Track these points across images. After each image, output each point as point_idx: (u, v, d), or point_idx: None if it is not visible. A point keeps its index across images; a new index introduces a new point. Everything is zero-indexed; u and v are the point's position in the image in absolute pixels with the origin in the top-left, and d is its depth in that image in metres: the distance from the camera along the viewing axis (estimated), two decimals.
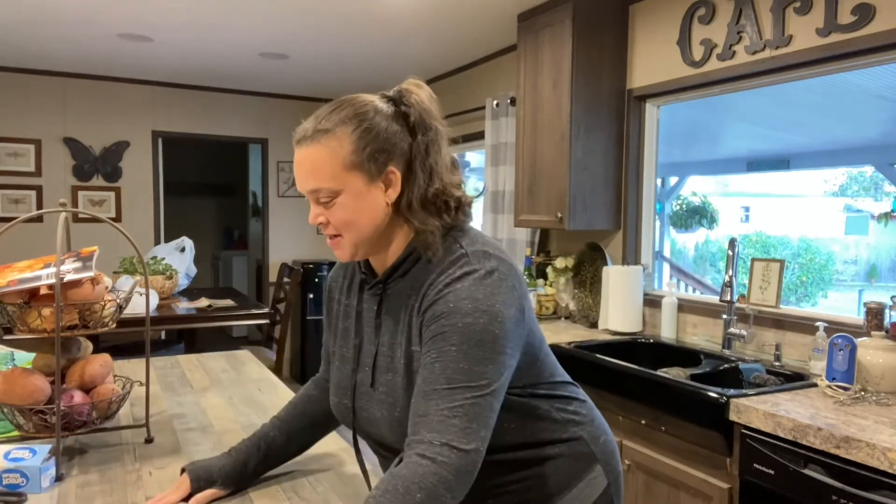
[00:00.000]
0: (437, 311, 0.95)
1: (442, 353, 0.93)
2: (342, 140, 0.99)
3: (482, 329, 0.93)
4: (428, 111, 1.04)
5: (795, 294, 6.25)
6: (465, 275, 0.97)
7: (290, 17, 3.34)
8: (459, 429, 0.89)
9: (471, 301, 0.94)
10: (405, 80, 1.08)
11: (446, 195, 1.04)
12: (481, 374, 0.93)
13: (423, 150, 1.02)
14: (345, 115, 1.01)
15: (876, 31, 2.02)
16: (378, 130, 1.00)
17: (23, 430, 1.32)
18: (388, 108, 1.03)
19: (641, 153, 2.99)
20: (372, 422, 1.08)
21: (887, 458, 1.42)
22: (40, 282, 1.29)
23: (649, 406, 2.09)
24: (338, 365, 1.17)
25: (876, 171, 5.04)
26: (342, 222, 1.02)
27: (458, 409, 0.90)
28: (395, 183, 1.02)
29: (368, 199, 1.01)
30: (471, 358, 0.92)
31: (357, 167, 0.99)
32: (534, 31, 3.08)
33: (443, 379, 0.92)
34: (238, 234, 7.87)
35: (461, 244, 1.03)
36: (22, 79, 4.59)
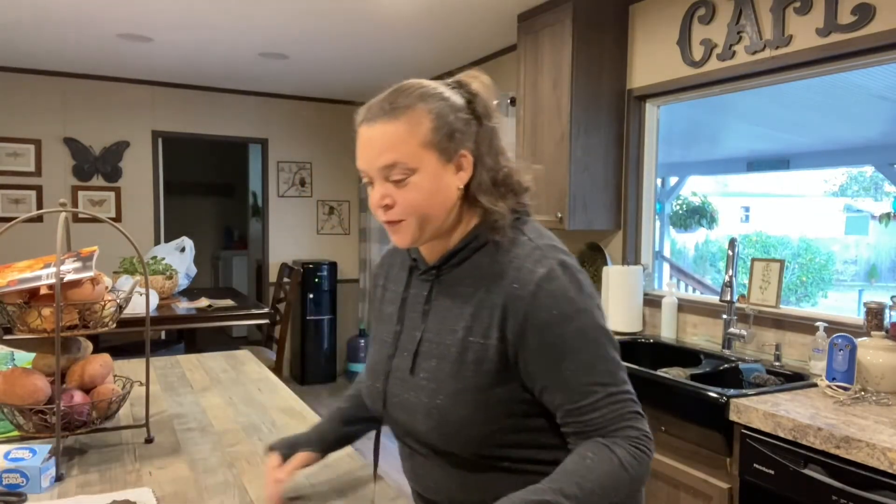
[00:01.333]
0: (545, 320, 0.95)
1: (578, 363, 0.95)
2: (422, 117, 0.98)
3: (592, 325, 0.96)
4: (488, 100, 1.05)
5: (795, 294, 6.25)
6: (551, 273, 0.97)
7: (290, 17, 3.34)
8: (637, 418, 0.96)
9: (568, 302, 0.96)
10: (463, 73, 1.09)
11: (512, 179, 1.05)
12: (618, 364, 0.98)
13: (489, 135, 1.03)
14: (421, 93, 1.00)
15: (876, 31, 2.02)
16: (452, 111, 1.00)
17: (23, 430, 1.32)
18: (457, 94, 1.03)
19: (641, 153, 2.99)
20: (405, 408, 1.05)
21: (887, 458, 1.42)
22: (40, 282, 1.29)
23: (649, 406, 2.08)
24: (376, 348, 1.15)
25: (876, 171, 5.04)
26: (411, 204, 0.99)
27: (627, 403, 0.96)
28: (466, 166, 1.01)
29: (442, 181, 0.99)
30: (603, 357, 0.96)
31: (434, 146, 0.98)
32: (534, 31, 3.08)
33: (597, 387, 0.95)
34: (238, 234, 7.87)
35: (528, 236, 1.02)
36: (22, 79, 4.59)
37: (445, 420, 0.99)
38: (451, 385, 0.99)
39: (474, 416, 0.98)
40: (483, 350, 0.98)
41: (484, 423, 0.98)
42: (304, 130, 5.57)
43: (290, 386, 2.05)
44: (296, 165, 5.56)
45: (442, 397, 0.99)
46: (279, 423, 1.62)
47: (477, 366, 0.98)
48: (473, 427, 0.98)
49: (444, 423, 0.99)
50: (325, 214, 5.73)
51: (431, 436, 1.01)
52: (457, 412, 0.98)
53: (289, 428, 1.58)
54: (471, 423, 0.98)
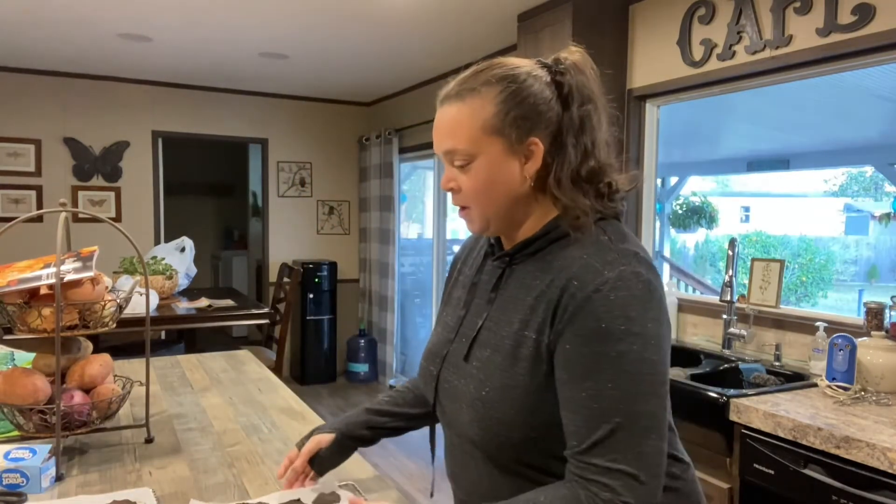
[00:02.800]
0: (588, 328, 0.85)
1: (598, 390, 0.84)
2: (486, 101, 0.93)
3: (638, 358, 0.84)
4: (586, 80, 0.96)
5: (795, 294, 6.25)
6: (619, 281, 0.86)
7: (290, 17, 3.34)
8: (627, 486, 0.81)
9: (624, 320, 0.84)
10: (566, 49, 0.99)
11: (602, 176, 0.96)
12: (643, 413, 0.83)
13: (576, 123, 0.94)
14: (493, 75, 0.94)
15: (876, 31, 2.02)
16: (526, 96, 0.93)
17: (23, 430, 1.32)
18: (543, 73, 0.96)
19: (641, 153, 2.99)
20: (453, 396, 1.00)
21: (887, 458, 1.42)
22: (40, 282, 1.29)
23: None
24: (438, 331, 1.11)
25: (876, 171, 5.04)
26: (473, 191, 0.95)
27: (622, 459, 0.82)
28: (535, 155, 0.93)
29: (505, 169, 0.93)
30: (630, 396, 0.83)
31: (497, 132, 0.92)
32: (534, 31, 3.07)
33: (603, 423, 0.83)
34: (238, 234, 7.87)
35: (609, 237, 0.92)
36: (22, 79, 4.59)
37: (488, 415, 0.93)
38: (499, 379, 0.93)
39: (517, 417, 0.91)
40: (536, 347, 0.91)
41: (527, 427, 0.91)
42: (304, 130, 5.57)
43: (290, 386, 2.05)
44: (296, 165, 5.56)
45: (488, 389, 0.93)
46: (279, 423, 1.62)
47: (528, 363, 0.91)
48: (515, 430, 0.91)
49: (485, 417, 0.93)
50: (325, 214, 5.73)
51: (472, 428, 0.96)
52: (501, 409, 0.92)
53: (289, 428, 1.58)
54: (512, 424, 0.91)
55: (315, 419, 1.64)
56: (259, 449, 1.44)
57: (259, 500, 1.15)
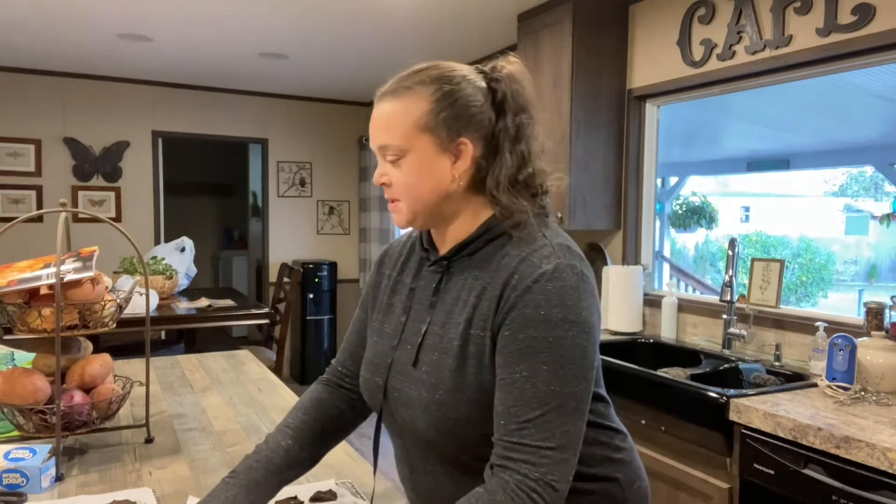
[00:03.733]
0: (528, 316, 0.90)
1: (534, 372, 0.88)
2: (420, 99, 0.96)
3: (572, 343, 0.89)
4: (521, 90, 1.00)
5: (795, 294, 6.25)
6: (555, 273, 0.91)
7: (290, 17, 3.34)
8: (554, 462, 0.87)
9: (561, 309, 0.89)
10: (503, 57, 1.03)
11: (537, 181, 1.00)
12: (573, 394, 0.89)
13: (512, 131, 0.98)
14: (429, 75, 0.98)
15: (876, 31, 2.02)
16: (458, 97, 0.96)
17: (23, 430, 1.32)
18: (478, 79, 0.99)
19: (641, 153, 2.99)
20: (405, 403, 1.00)
21: (887, 458, 1.42)
22: (40, 282, 1.29)
23: (649, 406, 2.09)
24: (375, 340, 1.10)
25: (876, 171, 5.04)
26: (404, 185, 0.98)
27: (552, 438, 0.87)
28: (465, 155, 0.97)
29: (434, 166, 0.97)
30: (562, 378, 0.88)
31: (429, 129, 0.96)
32: (534, 31, 3.08)
33: (535, 403, 0.88)
34: (238, 234, 7.87)
35: (543, 233, 0.97)
36: (22, 79, 4.59)
37: (444, 417, 0.94)
38: (451, 380, 0.95)
39: (473, 415, 0.93)
40: (482, 343, 0.94)
41: (484, 423, 0.93)
42: (304, 130, 5.57)
43: (290, 386, 2.05)
44: (296, 165, 5.56)
45: (442, 392, 0.95)
46: (279, 422, 1.62)
47: (477, 361, 0.94)
48: (473, 427, 0.94)
49: (442, 419, 0.95)
50: (325, 214, 5.73)
51: (430, 433, 0.97)
52: (457, 409, 0.94)
53: None
54: (469, 422, 0.93)
55: None
56: None
57: None
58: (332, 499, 1.16)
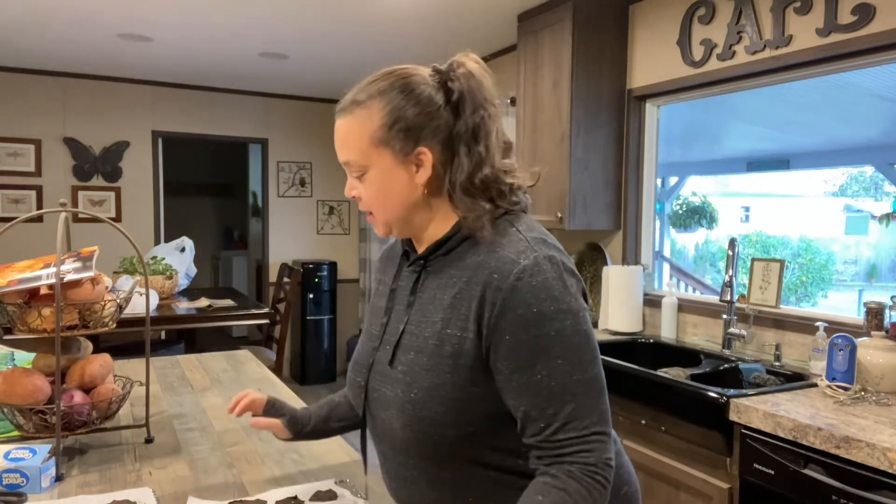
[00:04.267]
0: (522, 317, 0.89)
1: (552, 368, 0.89)
2: (372, 114, 0.95)
3: (573, 331, 0.90)
4: (477, 88, 0.97)
5: (795, 294, 6.25)
6: (535, 267, 0.90)
7: (290, 17, 3.34)
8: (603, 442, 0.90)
9: (551, 301, 0.89)
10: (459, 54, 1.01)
11: (497, 182, 0.98)
12: (595, 377, 0.91)
13: (469, 132, 0.95)
14: (381, 87, 0.96)
15: (876, 31, 2.02)
16: (412, 105, 0.95)
17: (23, 430, 1.32)
18: (433, 81, 0.97)
19: (641, 153, 2.99)
20: (383, 404, 1.00)
21: (887, 458, 1.42)
22: (40, 282, 1.29)
23: (649, 406, 2.09)
24: (363, 340, 1.12)
25: (876, 171, 5.04)
26: (371, 199, 0.99)
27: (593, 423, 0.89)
28: (425, 164, 0.95)
29: (395, 178, 0.96)
30: (580, 366, 0.90)
31: (384, 143, 0.95)
32: (534, 31, 3.08)
33: (568, 397, 0.89)
34: (238, 234, 7.87)
35: (517, 228, 0.96)
36: (22, 79, 4.59)
37: (418, 416, 0.94)
38: (426, 379, 0.94)
39: (448, 415, 0.92)
40: (460, 343, 0.93)
41: (459, 423, 0.93)
42: (304, 130, 5.57)
43: (290, 386, 2.05)
44: (296, 165, 5.56)
45: (416, 391, 0.95)
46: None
47: (454, 360, 0.93)
48: (448, 427, 0.93)
49: (416, 419, 0.94)
50: (325, 214, 5.73)
51: (406, 434, 0.96)
52: (431, 408, 0.93)
53: None
54: (444, 422, 0.93)
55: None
56: (259, 449, 1.44)
57: (256, 498, 1.15)
58: (332, 499, 1.16)
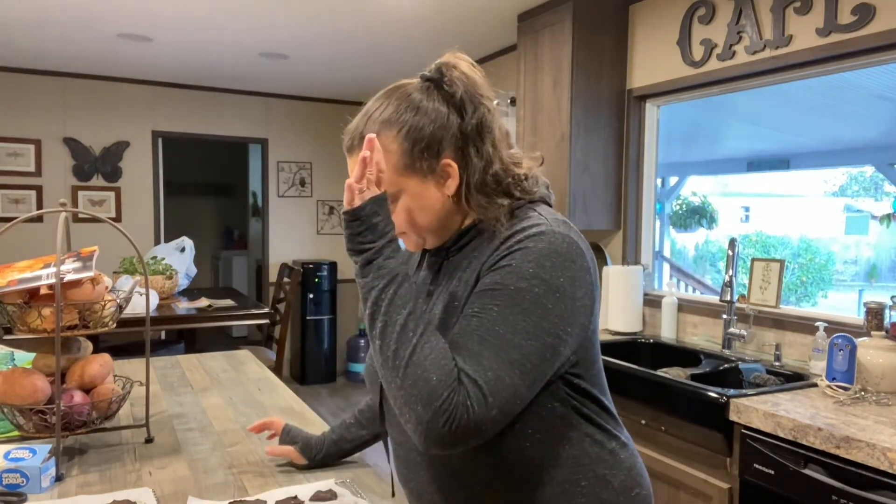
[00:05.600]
0: (500, 266, 0.89)
1: (483, 310, 0.87)
2: (388, 145, 0.95)
3: (533, 299, 0.85)
4: (474, 85, 0.97)
5: (795, 294, 6.25)
6: (543, 235, 0.89)
7: (290, 17, 3.35)
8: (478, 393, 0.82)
9: (535, 266, 0.87)
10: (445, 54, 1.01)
11: (508, 175, 0.98)
12: (518, 346, 0.84)
13: (474, 132, 0.96)
14: (386, 115, 0.96)
15: (876, 31, 2.02)
16: (423, 125, 0.95)
17: (23, 430, 1.32)
18: (433, 90, 0.98)
19: (641, 153, 2.99)
20: None
21: (887, 458, 1.42)
22: (40, 282, 1.29)
23: (649, 406, 2.09)
24: None
25: (876, 171, 5.04)
26: (405, 222, 0.99)
27: (481, 374, 0.83)
28: (452, 174, 0.96)
29: (428, 197, 0.97)
30: (510, 324, 0.85)
31: (409, 168, 0.95)
32: (534, 31, 3.08)
33: (475, 337, 0.85)
34: (238, 234, 7.87)
35: (539, 212, 0.96)
36: (22, 79, 4.59)
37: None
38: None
39: None
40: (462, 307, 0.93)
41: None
42: (304, 130, 5.57)
43: (290, 386, 2.05)
44: (296, 165, 5.56)
45: None
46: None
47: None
48: None
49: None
50: (325, 214, 5.73)
51: None
52: None
53: None
54: None
55: (315, 419, 1.64)
56: (259, 449, 1.44)
57: (256, 498, 1.15)
58: (332, 498, 1.16)
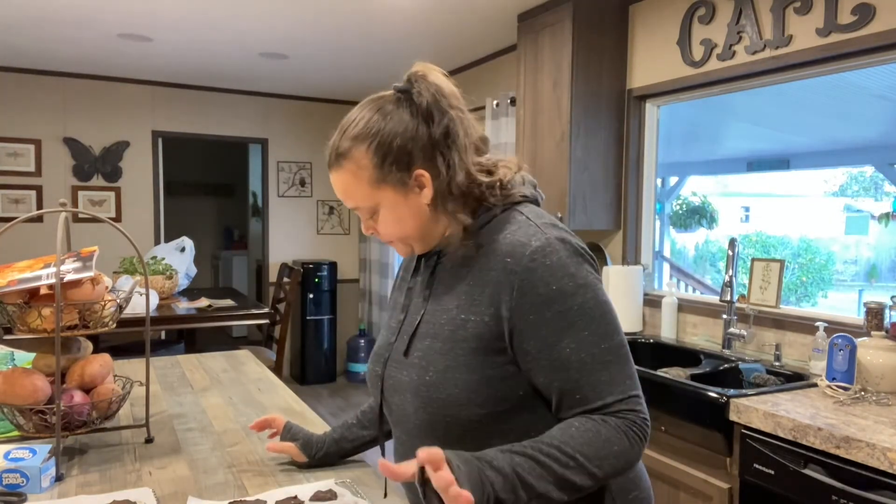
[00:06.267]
0: (543, 296, 0.92)
1: (579, 341, 0.92)
2: (360, 160, 0.98)
3: (594, 304, 0.94)
4: (439, 95, 0.99)
5: (795, 294, 6.25)
6: (548, 247, 0.94)
7: (290, 17, 3.34)
8: (641, 403, 0.95)
9: (569, 278, 0.93)
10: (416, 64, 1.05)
11: (474, 183, 1.01)
12: (620, 343, 0.95)
13: (441, 140, 0.98)
14: (356, 131, 0.99)
15: (876, 31, 2.02)
16: (392, 137, 0.97)
17: (23, 430, 1.32)
18: (401, 103, 1.00)
19: (641, 153, 2.99)
20: (398, 388, 1.04)
21: (887, 458, 1.42)
22: (40, 282, 1.29)
23: (649, 406, 2.08)
24: (382, 335, 1.16)
25: (876, 171, 5.04)
26: (389, 232, 1.03)
27: (628, 388, 0.93)
28: (427, 183, 0.99)
29: (406, 206, 1.00)
30: (605, 335, 0.93)
31: (383, 181, 0.98)
32: (534, 31, 3.08)
33: (599, 367, 0.92)
34: (238, 234, 7.87)
35: (526, 215, 1.00)
36: (22, 79, 4.59)
37: (432, 397, 0.97)
38: (440, 362, 0.97)
39: (461, 396, 0.95)
40: (475, 327, 0.96)
41: (472, 405, 0.95)
42: (304, 130, 5.57)
43: (290, 386, 2.05)
44: (296, 165, 5.56)
45: (431, 374, 0.98)
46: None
47: (468, 344, 0.96)
48: (460, 409, 0.95)
49: (431, 400, 0.97)
50: (325, 214, 5.73)
51: (419, 415, 0.99)
52: (445, 390, 0.96)
53: None
54: (457, 404, 0.95)
55: (315, 419, 1.64)
56: (259, 449, 1.44)
57: (256, 498, 1.15)
58: (332, 498, 1.16)
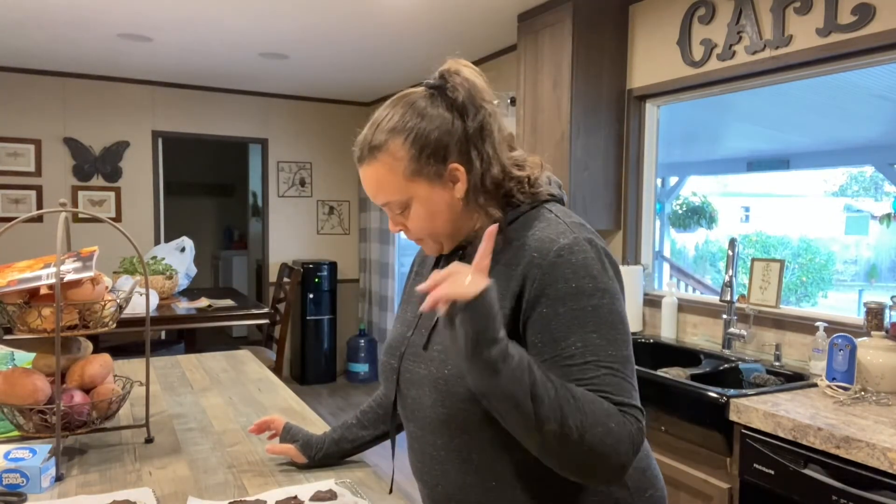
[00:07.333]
0: (561, 290, 0.92)
1: (587, 342, 0.90)
2: (396, 152, 0.97)
3: (609, 310, 0.92)
4: (474, 89, 1.00)
5: (795, 294, 6.25)
6: (575, 246, 0.94)
7: (290, 17, 3.34)
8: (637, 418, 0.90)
9: (590, 279, 0.92)
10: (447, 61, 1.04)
11: (507, 177, 1.01)
12: (627, 358, 0.92)
13: (476, 135, 0.99)
14: (392, 123, 0.98)
15: (876, 31, 2.02)
16: (429, 131, 0.97)
17: (23, 430, 1.32)
18: (435, 99, 1.00)
19: (641, 153, 2.99)
20: (415, 382, 1.04)
21: (887, 458, 1.42)
22: (40, 282, 1.29)
23: (649, 406, 2.09)
24: (396, 326, 1.15)
25: (876, 171, 5.04)
26: (419, 228, 1.02)
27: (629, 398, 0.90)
28: (461, 178, 0.99)
29: (439, 201, 0.99)
30: (615, 343, 0.91)
31: (418, 174, 0.98)
32: (534, 31, 3.08)
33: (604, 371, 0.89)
34: (238, 234, 7.87)
35: (555, 214, 1.00)
36: (22, 79, 4.59)
37: (450, 391, 0.96)
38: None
39: None
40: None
41: None
42: (304, 130, 5.57)
43: (290, 386, 2.05)
44: (296, 165, 5.56)
45: (450, 367, 0.97)
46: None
47: None
48: (477, 403, 0.93)
49: (448, 394, 0.97)
50: (325, 214, 5.73)
51: (436, 410, 0.99)
52: (463, 384, 0.94)
53: None
54: (474, 398, 0.92)
55: (315, 419, 1.64)
56: (259, 449, 1.44)
57: (256, 498, 1.15)
58: (332, 498, 1.16)
